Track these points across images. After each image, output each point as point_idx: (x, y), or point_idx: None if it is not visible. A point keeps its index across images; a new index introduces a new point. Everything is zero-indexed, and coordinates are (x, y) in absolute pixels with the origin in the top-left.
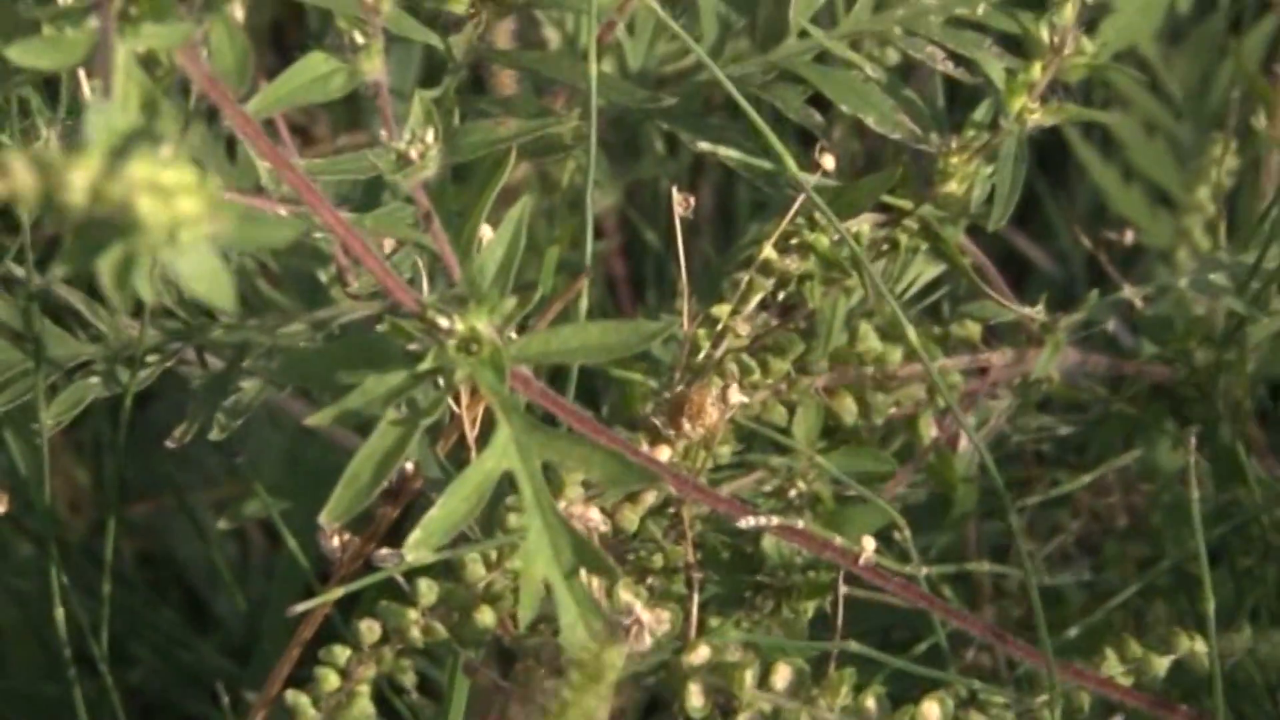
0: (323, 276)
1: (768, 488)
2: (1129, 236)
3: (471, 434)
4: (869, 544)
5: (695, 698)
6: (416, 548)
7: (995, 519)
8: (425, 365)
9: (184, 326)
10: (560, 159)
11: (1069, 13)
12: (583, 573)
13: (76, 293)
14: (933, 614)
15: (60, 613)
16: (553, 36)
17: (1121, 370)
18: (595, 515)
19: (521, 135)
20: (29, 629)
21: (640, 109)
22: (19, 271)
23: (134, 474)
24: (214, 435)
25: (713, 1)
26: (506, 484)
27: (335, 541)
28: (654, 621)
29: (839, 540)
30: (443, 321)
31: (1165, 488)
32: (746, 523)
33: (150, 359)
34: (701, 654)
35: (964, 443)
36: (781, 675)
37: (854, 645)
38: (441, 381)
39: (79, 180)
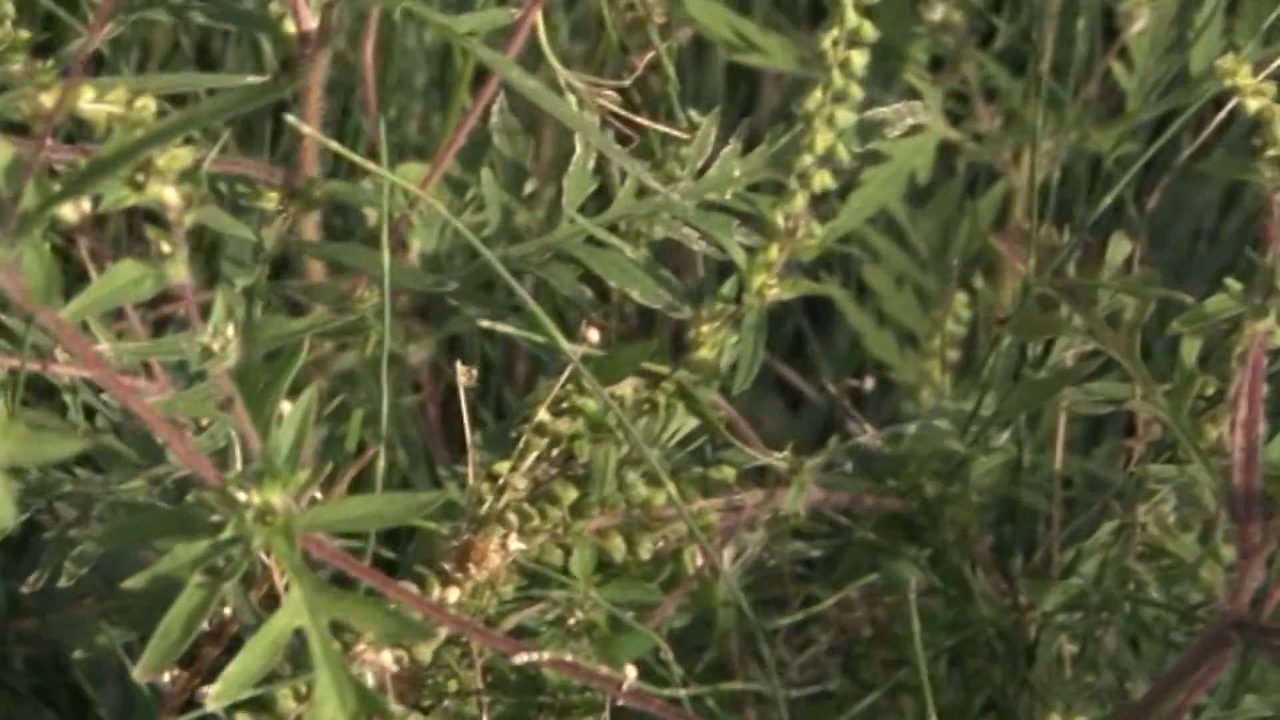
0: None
1: (550, 617)
2: (869, 383)
3: (281, 583)
4: (631, 673)
5: None
6: (217, 699)
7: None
8: (226, 534)
9: (39, 482)
10: (360, 339)
11: (799, 201)
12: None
13: None
14: None
15: None
16: (372, 214)
17: (861, 503)
18: (386, 657)
19: (314, 327)
20: None
21: (426, 290)
22: None
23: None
24: (63, 583)
25: (496, 191)
26: None
27: (166, 677)
28: None
29: (604, 670)
30: (240, 495)
31: (905, 601)
32: (520, 658)
33: None
34: None
35: (726, 562)
36: None
37: None
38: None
39: None
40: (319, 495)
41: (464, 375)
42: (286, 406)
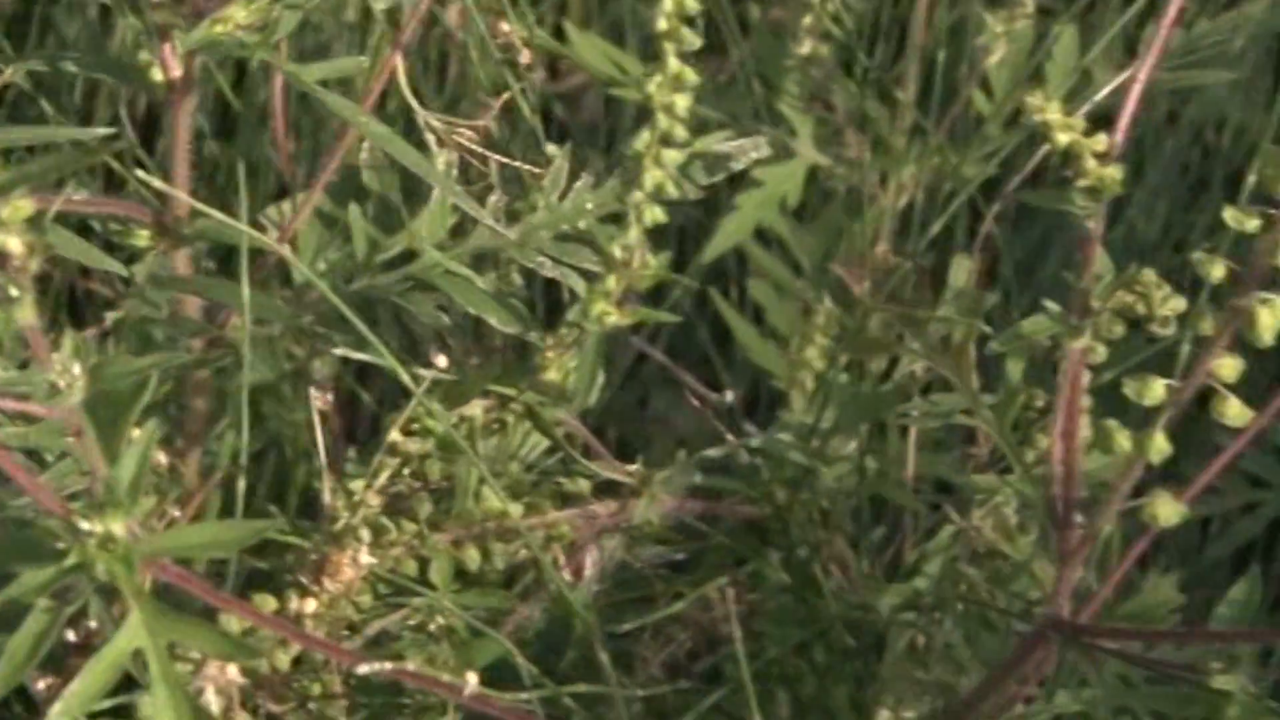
0: None
1: (413, 623)
2: (729, 396)
3: None
4: (472, 678)
5: None
6: (58, 717)
7: (615, 639)
8: (70, 562)
9: None
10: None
11: (634, 234)
12: None
13: None
14: None
15: None
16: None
17: (717, 511)
18: (232, 671)
19: (159, 364)
20: None
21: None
22: None
23: None
24: None
25: (363, 225)
26: None
27: (41, 685)
28: None
29: (446, 676)
30: (83, 524)
31: (767, 598)
32: (362, 668)
33: None
34: None
35: (588, 569)
36: None
37: None
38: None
39: None
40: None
41: (319, 400)
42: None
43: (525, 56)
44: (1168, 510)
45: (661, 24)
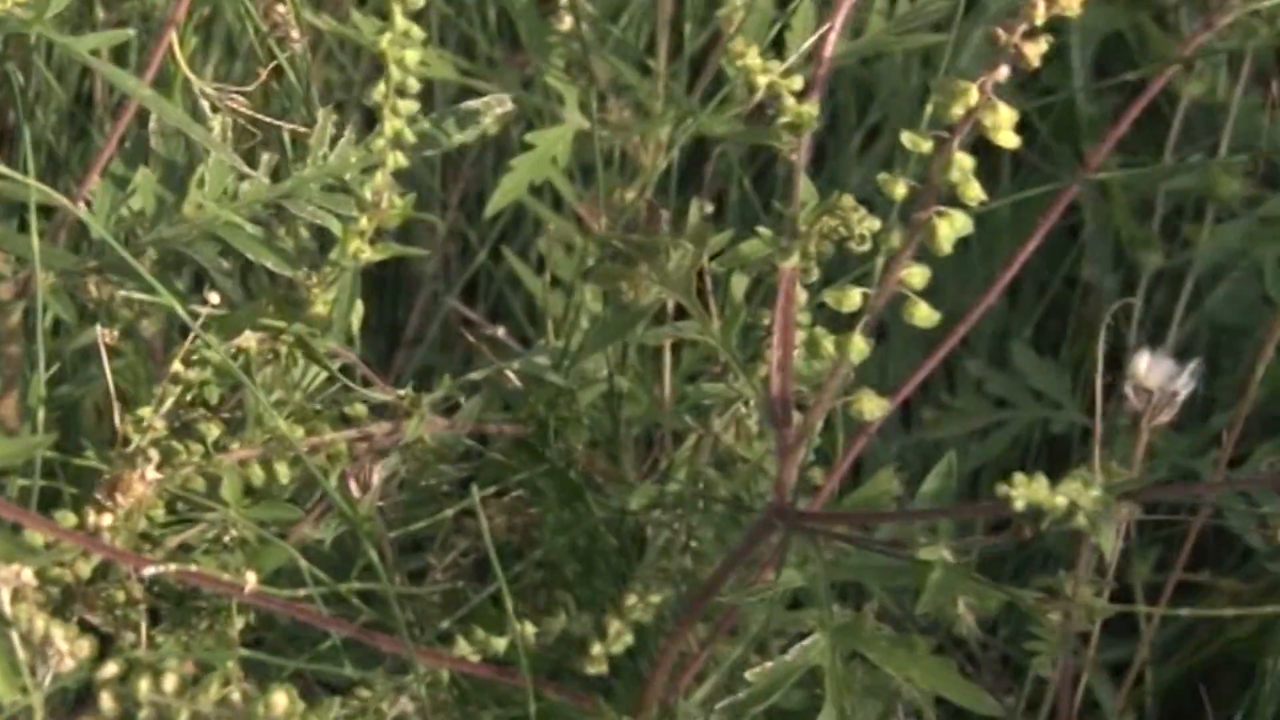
0: None
1: (209, 536)
2: (500, 330)
3: None
4: (251, 577)
5: (107, 703)
6: None
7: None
8: None
9: None
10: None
11: (380, 178)
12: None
13: None
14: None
15: None
16: None
17: (485, 430)
18: (27, 575)
19: None
20: None
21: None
22: None
23: None
24: None
25: (151, 184)
26: None
27: None
28: (74, 649)
29: (227, 576)
30: None
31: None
32: (147, 570)
33: None
34: (110, 669)
35: (375, 482)
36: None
37: (244, 652)
38: None
39: None
40: None
41: (105, 335)
42: None
43: (294, 34)
44: (871, 405)
45: None
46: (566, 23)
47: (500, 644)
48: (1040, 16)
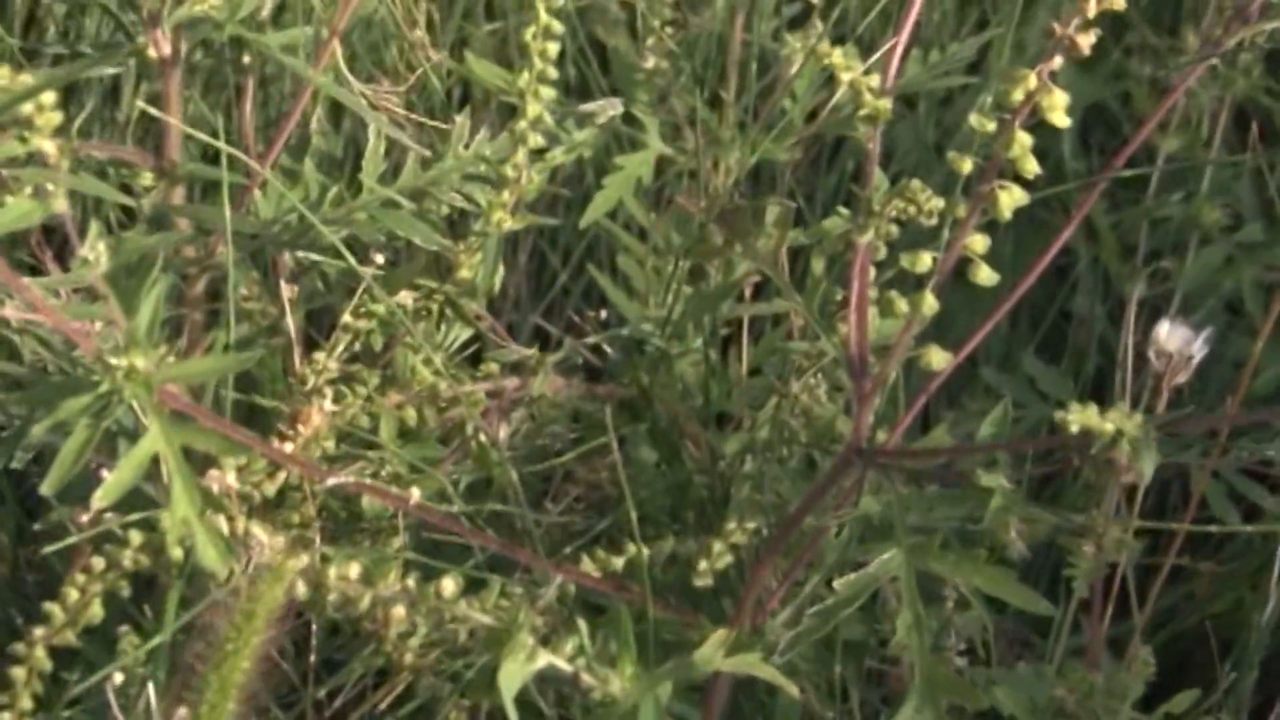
0: None
1: (369, 471)
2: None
3: None
4: (416, 492)
5: (300, 589)
6: (100, 500)
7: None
8: (102, 389)
9: None
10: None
11: (520, 155)
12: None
13: None
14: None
15: None
16: None
17: (595, 391)
18: (231, 479)
19: (164, 242)
20: None
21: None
22: None
23: None
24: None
25: (313, 172)
26: None
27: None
28: (272, 543)
29: (395, 490)
30: (112, 360)
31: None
32: (330, 481)
33: None
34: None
35: (502, 436)
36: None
37: (410, 554)
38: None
39: None
40: None
41: (288, 291)
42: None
43: (433, 54)
44: (938, 357)
45: None
46: (651, 62)
47: (618, 562)
48: (1092, 10)
